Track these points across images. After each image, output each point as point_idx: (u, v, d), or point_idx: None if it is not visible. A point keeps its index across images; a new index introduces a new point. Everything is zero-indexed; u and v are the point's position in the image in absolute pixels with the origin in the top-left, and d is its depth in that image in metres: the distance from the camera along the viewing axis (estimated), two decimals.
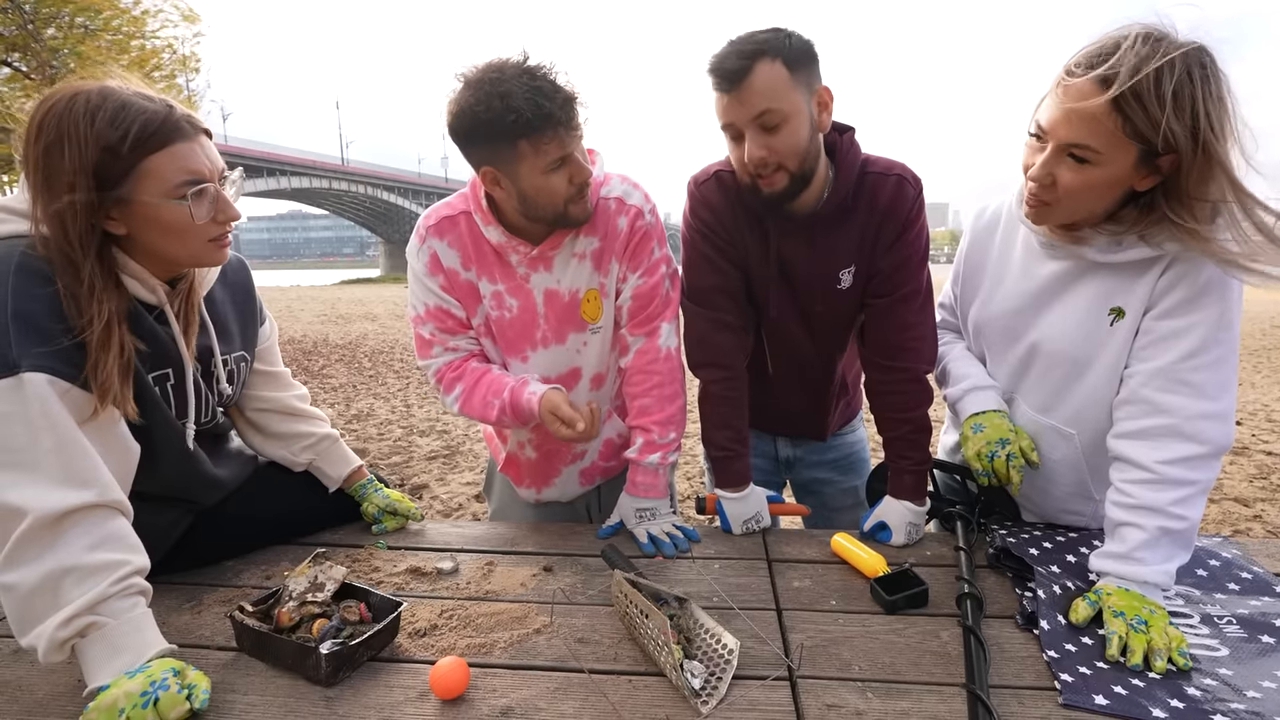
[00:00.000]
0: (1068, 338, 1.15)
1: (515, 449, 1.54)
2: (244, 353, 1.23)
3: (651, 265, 1.36)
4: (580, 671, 0.93)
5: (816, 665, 0.94)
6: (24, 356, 0.86)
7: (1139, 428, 1.07)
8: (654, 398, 1.38)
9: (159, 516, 1.12)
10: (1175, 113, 0.91)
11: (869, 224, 1.28)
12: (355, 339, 11.65)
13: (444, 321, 1.36)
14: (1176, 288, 1.04)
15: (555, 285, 1.34)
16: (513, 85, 1.09)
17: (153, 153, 0.93)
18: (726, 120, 1.18)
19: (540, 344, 1.38)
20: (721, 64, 1.14)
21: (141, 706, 0.79)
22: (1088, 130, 0.96)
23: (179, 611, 1.08)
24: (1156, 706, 0.84)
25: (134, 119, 0.91)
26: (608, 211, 1.33)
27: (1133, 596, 1.00)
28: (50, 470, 0.86)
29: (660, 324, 1.39)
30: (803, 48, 1.15)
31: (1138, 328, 1.09)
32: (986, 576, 1.18)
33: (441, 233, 1.32)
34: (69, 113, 0.89)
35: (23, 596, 0.84)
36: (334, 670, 0.89)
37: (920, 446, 1.33)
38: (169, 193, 0.95)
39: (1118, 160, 0.97)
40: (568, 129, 1.14)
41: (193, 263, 1.05)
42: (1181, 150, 0.93)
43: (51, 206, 0.89)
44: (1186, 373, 1.03)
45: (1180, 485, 1.02)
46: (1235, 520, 3.38)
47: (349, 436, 5.02)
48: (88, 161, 0.89)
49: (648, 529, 1.33)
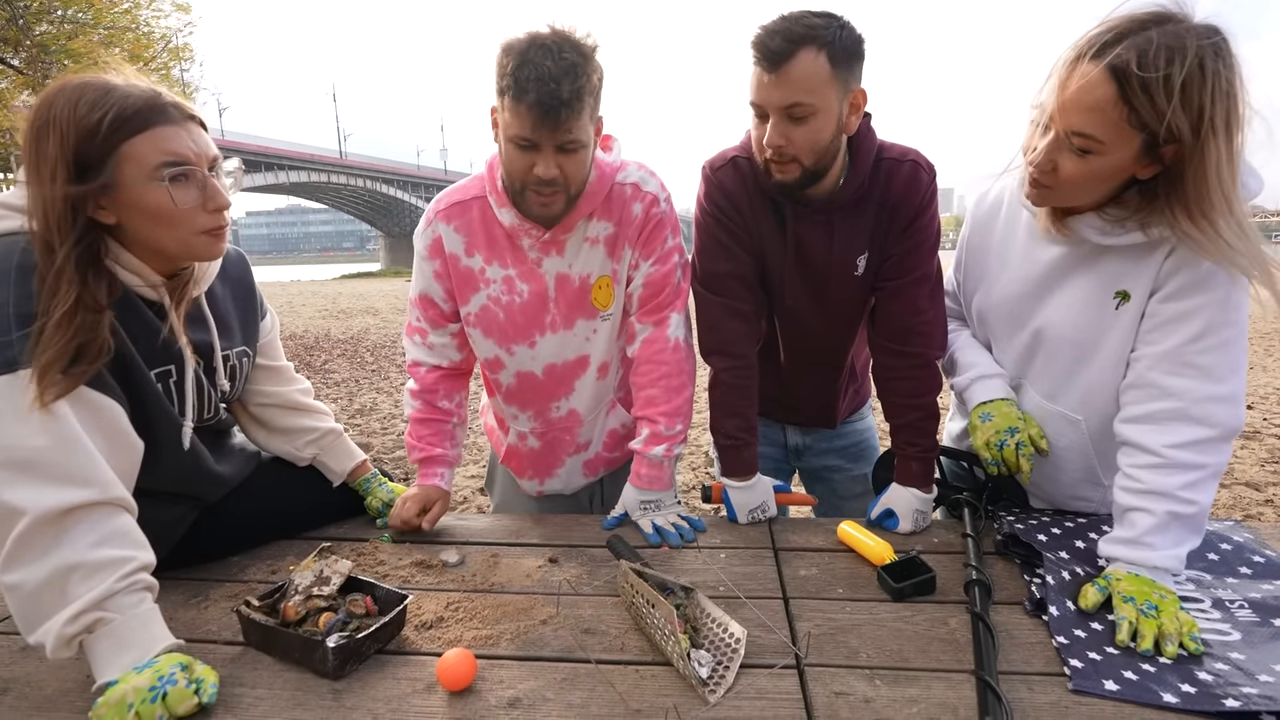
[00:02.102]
0: (1072, 322, 1.14)
1: (516, 440, 1.54)
2: (245, 348, 1.23)
3: (665, 253, 1.36)
4: (587, 662, 0.93)
5: (824, 653, 0.94)
6: (24, 353, 0.86)
7: (1146, 411, 1.06)
8: (661, 388, 1.37)
9: (164, 512, 1.12)
10: (1182, 105, 0.89)
11: (883, 210, 1.27)
12: (357, 334, 11.65)
13: (430, 310, 1.39)
14: (1182, 270, 1.02)
15: (567, 270, 1.33)
16: (534, 53, 1.07)
17: (132, 135, 0.92)
18: (757, 99, 1.16)
19: (549, 328, 1.38)
20: (766, 41, 1.10)
21: (150, 701, 0.79)
22: (1092, 120, 0.95)
23: (185, 607, 1.08)
24: (1167, 691, 0.84)
25: (114, 102, 0.91)
26: (623, 197, 1.32)
27: (1142, 582, 0.99)
28: (50, 468, 0.86)
29: (670, 313, 1.38)
30: (851, 44, 1.12)
31: (1143, 311, 1.07)
32: (994, 563, 1.18)
33: (450, 217, 1.33)
34: (56, 101, 0.89)
35: (28, 594, 0.84)
36: (341, 663, 0.89)
37: (928, 433, 1.32)
38: (149, 175, 0.94)
39: (1121, 150, 0.96)
40: (548, 122, 1.09)
41: (187, 254, 1.03)
42: (1184, 142, 0.91)
43: (36, 192, 0.89)
44: (1194, 355, 1.02)
45: (1189, 469, 1.01)
46: (1247, 505, 3.37)
47: (352, 431, 5.03)
48: (69, 147, 0.89)
49: (653, 519, 1.33)
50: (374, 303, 19.14)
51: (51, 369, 0.86)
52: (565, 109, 1.08)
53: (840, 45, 1.10)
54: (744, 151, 1.30)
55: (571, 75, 1.07)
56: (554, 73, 1.06)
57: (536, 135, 1.11)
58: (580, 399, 1.47)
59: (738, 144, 1.33)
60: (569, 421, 1.49)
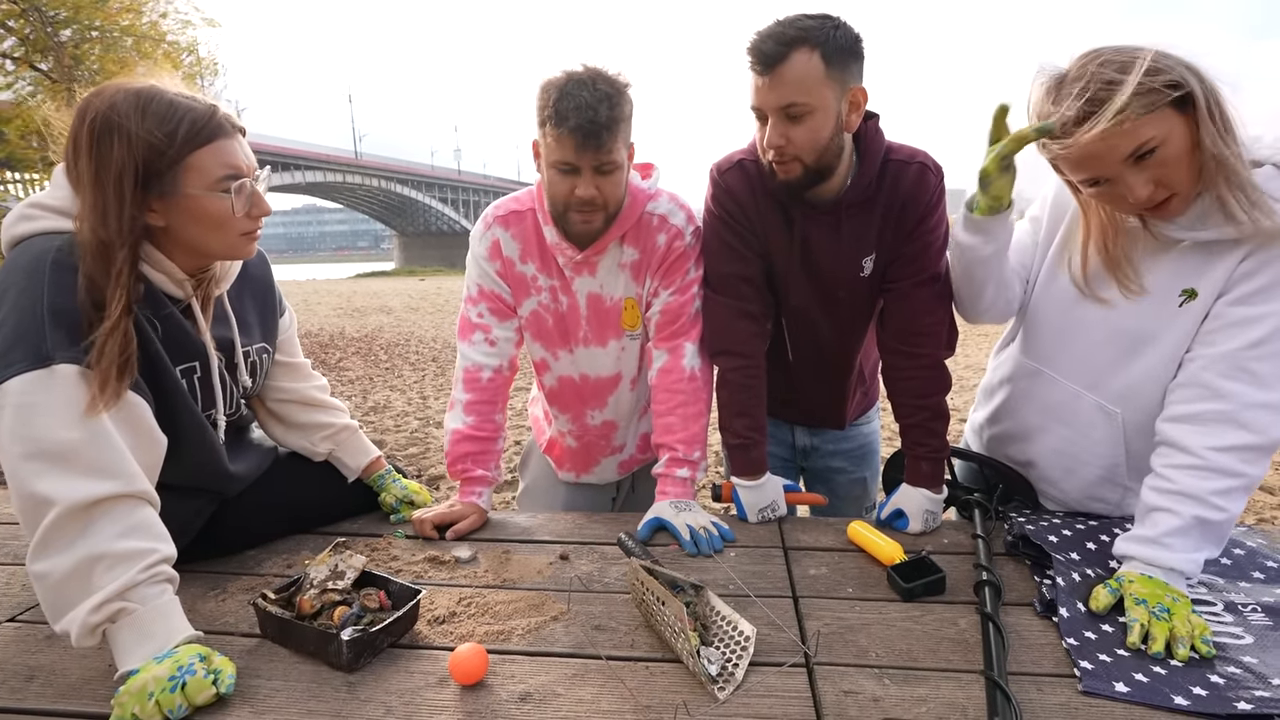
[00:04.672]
0: (1134, 311, 1.11)
1: (557, 435, 1.64)
2: (265, 344, 1.25)
3: (684, 284, 1.41)
4: (597, 658, 0.94)
5: (833, 652, 0.94)
6: (58, 349, 0.88)
7: (1193, 411, 1.04)
8: (678, 416, 1.41)
9: (183, 506, 1.14)
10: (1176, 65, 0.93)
11: (890, 211, 1.27)
12: (371, 332, 11.75)
13: (495, 303, 1.44)
14: (1257, 274, 1.00)
15: (598, 290, 1.41)
16: (571, 87, 1.17)
17: (199, 148, 0.98)
18: (755, 102, 1.18)
19: (582, 343, 1.46)
20: (760, 45, 1.13)
21: (170, 690, 0.81)
22: (1126, 144, 0.95)
23: (204, 599, 1.11)
24: (1179, 694, 0.83)
25: (183, 115, 0.96)
26: (650, 226, 1.38)
27: (1155, 584, 0.99)
28: (79, 461, 0.88)
29: (685, 342, 1.42)
30: (846, 43, 1.13)
31: (1208, 312, 1.05)
32: (1005, 564, 1.17)
33: (508, 224, 1.40)
34: (119, 106, 0.93)
35: (56, 583, 0.86)
36: (355, 656, 0.91)
37: (938, 434, 1.32)
38: (211, 186, 1.00)
39: (1170, 127, 0.95)
40: (588, 146, 1.18)
41: (226, 254, 1.08)
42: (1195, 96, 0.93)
43: (98, 197, 0.92)
44: (1251, 360, 1.00)
45: (1226, 475, 1.00)
46: (1260, 509, 3.33)
47: (366, 429, 5.08)
48: (137, 154, 0.93)
49: (686, 521, 1.30)
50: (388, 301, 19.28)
51: (112, 372, 0.90)
52: (605, 131, 1.18)
53: (834, 44, 1.11)
54: (750, 154, 1.31)
55: (607, 103, 1.17)
56: (590, 101, 1.16)
57: (577, 159, 1.20)
58: (614, 411, 1.55)
59: (745, 147, 1.33)
60: (604, 429, 1.58)
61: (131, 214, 0.94)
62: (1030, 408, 1.31)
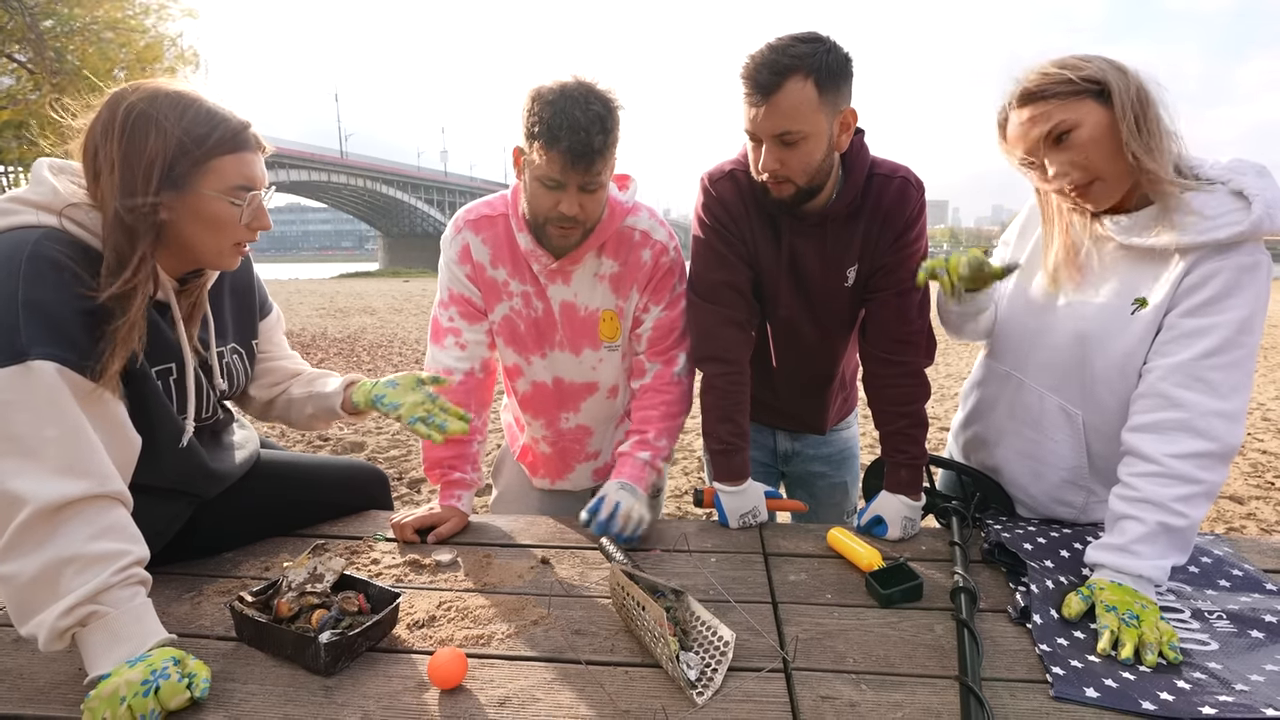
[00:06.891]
0: (1088, 316, 1.16)
1: (530, 442, 1.61)
2: (237, 345, 1.24)
3: (674, 299, 1.42)
4: (577, 663, 0.94)
5: (811, 658, 0.95)
6: (33, 344, 0.86)
7: (1152, 420, 1.07)
8: (659, 412, 1.43)
9: (159, 508, 1.12)
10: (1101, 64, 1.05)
11: (873, 223, 1.30)
12: (354, 333, 11.64)
13: (465, 307, 1.43)
14: (1203, 287, 1.05)
15: (572, 299, 1.40)
16: (564, 104, 1.15)
17: (225, 154, 1.01)
18: (750, 128, 1.20)
19: (558, 346, 1.45)
20: (754, 74, 1.14)
21: (142, 695, 0.80)
22: (1043, 126, 1.08)
23: (179, 602, 1.09)
24: (1146, 699, 0.85)
25: (219, 123, 1.00)
26: (631, 241, 1.38)
27: (1125, 591, 1.01)
28: (53, 460, 0.86)
29: (678, 353, 1.44)
30: (838, 66, 1.15)
31: (1160, 323, 1.10)
32: (981, 571, 1.19)
33: (478, 229, 1.38)
34: (159, 103, 0.96)
35: (22, 586, 0.84)
36: (333, 660, 0.90)
37: (917, 441, 1.34)
38: (225, 191, 1.01)
39: (1086, 113, 1.05)
40: (578, 167, 1.17)
41: (213, 260, 1.08)
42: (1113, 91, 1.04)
43: (126, 178, 0.94)
44: (1204, 370, 1.04)
45: (1186, 482, 1.03)
46: (1229, 518, 3.40)
47: (346, 430, 5.03)
48: (170, 151, 0.96)
49: (619, 500, 1.28)
50: (371, 302, 19.12)
51: (118, 361, 0.92)
52: (596, 155, 1.17)
53: (826, 70, 1.13)
54: (741, 165, 1.32)
55: (599, 126, 1.16)
56: (584, 122, 1.14)
57: (565, 177, 1.19)
58: (588, 416, 1.54)
59: (735, 156, 1.35)
60: (579, 434, 1.56)
61: (152, 208, 0.96)
62: (999, 411, 1.35)
